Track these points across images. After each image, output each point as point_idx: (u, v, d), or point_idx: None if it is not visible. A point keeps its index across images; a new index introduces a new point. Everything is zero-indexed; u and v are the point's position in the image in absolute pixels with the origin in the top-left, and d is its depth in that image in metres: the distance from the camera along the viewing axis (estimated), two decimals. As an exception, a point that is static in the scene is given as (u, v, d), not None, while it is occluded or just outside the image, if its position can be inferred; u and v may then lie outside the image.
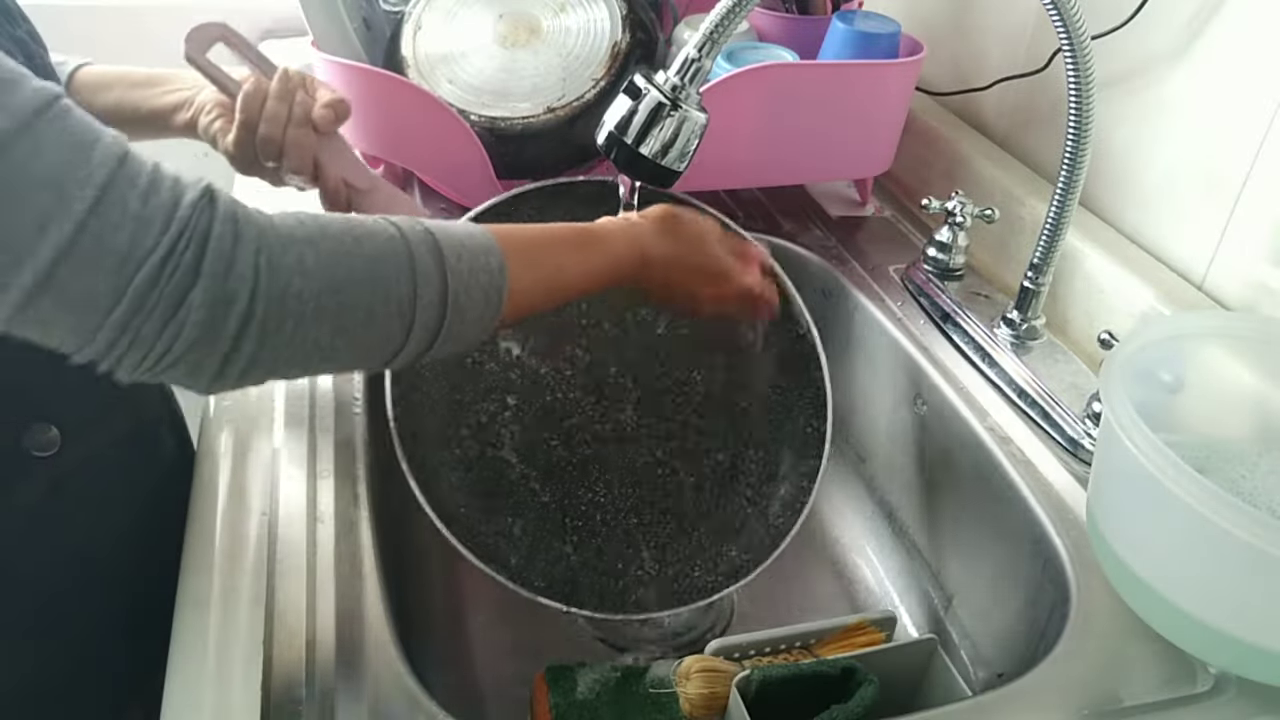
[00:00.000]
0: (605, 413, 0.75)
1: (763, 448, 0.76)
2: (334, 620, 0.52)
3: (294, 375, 0.46)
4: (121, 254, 0.38)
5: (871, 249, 0.90)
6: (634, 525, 0.72)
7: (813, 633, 0.60)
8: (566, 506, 0.71)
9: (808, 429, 0.73)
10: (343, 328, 0.44)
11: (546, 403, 0.73)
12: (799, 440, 0.73)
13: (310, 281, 0.42)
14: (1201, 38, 0.71)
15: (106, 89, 0.70)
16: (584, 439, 0.73)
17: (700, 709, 0.55)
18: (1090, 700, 0.51)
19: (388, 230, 0.46)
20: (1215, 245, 0.72)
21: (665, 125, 0.59)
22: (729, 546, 0.71)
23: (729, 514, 0.74)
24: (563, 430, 0.73)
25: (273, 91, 0.64)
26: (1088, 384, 0.71)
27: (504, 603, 0.74)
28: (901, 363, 0.79)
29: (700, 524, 0.73)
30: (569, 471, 0.72)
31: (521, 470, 0.71)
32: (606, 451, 0.74)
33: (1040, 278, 0.73)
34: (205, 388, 0.43)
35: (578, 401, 0.74)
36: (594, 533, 0.71)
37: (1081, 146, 0.66)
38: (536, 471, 0.71)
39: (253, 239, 0.41)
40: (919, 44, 0.88)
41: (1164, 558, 0.51)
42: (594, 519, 0.71)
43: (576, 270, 0.55)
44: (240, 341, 0.41)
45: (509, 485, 0.70)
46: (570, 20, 0.86)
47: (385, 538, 0.59)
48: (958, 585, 0.73)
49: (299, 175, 0.66)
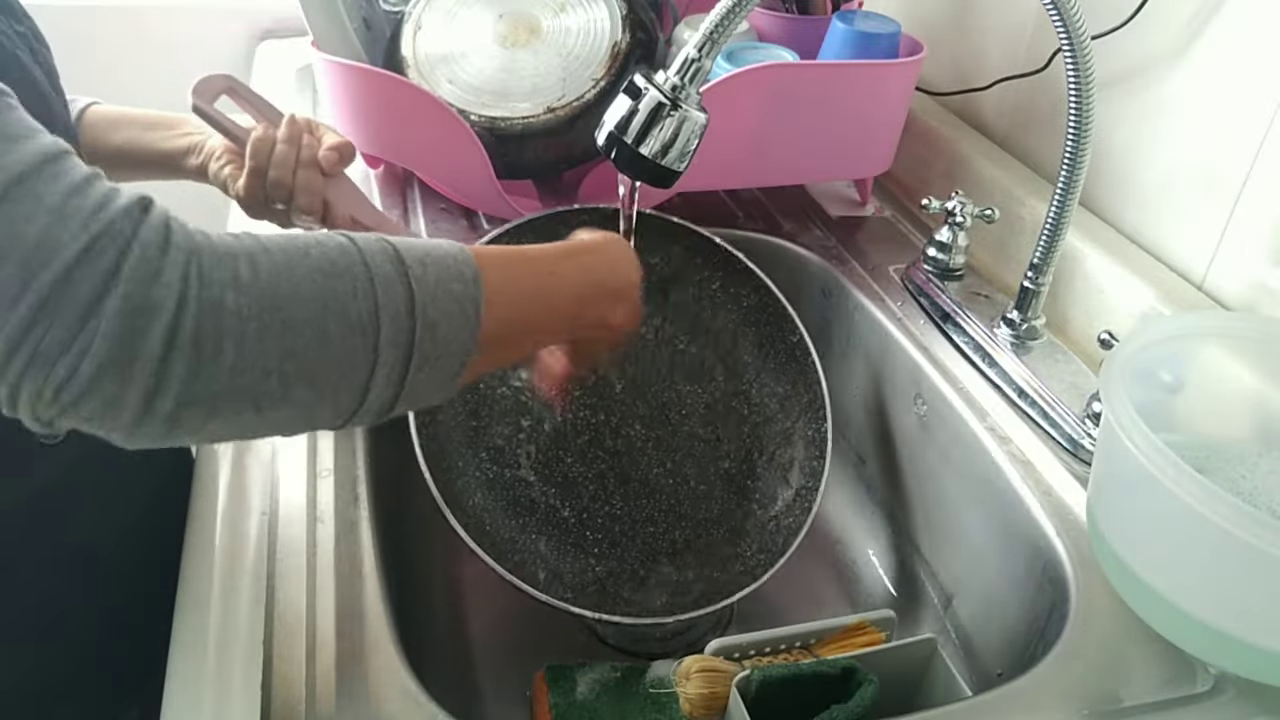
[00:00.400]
0: (615, 429, 0.76)
1: (767, 453, 0.77)
2: (334, 620, 0.52)
3: (241, 424, 0.38)
4: (28, 246, 0.33)
5: (871, 249, 0.90)
6: (650, 534, 0.73)
7: (813, 633, 0.60)
8: (586, 520, 0.73)
9: (809, 431, 0.74)
10: (292, 350, 0.37)
11: (558, 423, 0.75)
12: (802, 443, 0.75)
13: (248, 296, 0.36)
14: (1201, 38, 0.71)
15: (116, 129, 0.71)
16: (597, 455, 0.75)
17: (700, 709, 0.55)
18: (1090, 700, 0.51)
19: (338, 241, 0.41)
20: (1215, 245, 0.72)
21: (665, 125, 0.59)
22: (743, 548, 0.72)
23: (740, 517, 0.75)
24: (576, 448, 0.74)
25: (280, 136, 0.66)
26: (1088, 384, 0.71)
27: (504, 603, 0.74)
28: (901, 363, 0.79)
29: (713, 529, 0.74)
30: (586, 487, 0.74)
31: (541, 489, 0.73)
32: (620, 465, 0.75)
33: (1040, 278, 0.73)
34: (126, 432, 0.36)
35: (588, 420, 0.76)
36: (615, 543, 0.72)
37: (1081, 146, 0.66)
38: (555, 489, 0.73)
39: (184, 248, 0.36)
40: (919, 44, 0.88)
41: (1164, 558, 0.51)
42: (613, 530, 0.73)
43: (568, 284, 0.51)
44: (168, 365, 0.35)
45: (530, 503, 0.71)
46: (570, 20, 0.86)
47: (385, 538, 0.59)
48: (958, 585, 0.73)
49: (308, 216, 0.67)
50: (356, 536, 0.58)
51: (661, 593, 0.70)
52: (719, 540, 0.74)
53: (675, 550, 0.73)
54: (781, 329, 0.77)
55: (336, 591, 0.54)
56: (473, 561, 0.59)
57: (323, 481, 0.61)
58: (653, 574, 0.71)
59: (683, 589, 0.70)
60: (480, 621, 0.73)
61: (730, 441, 0.78)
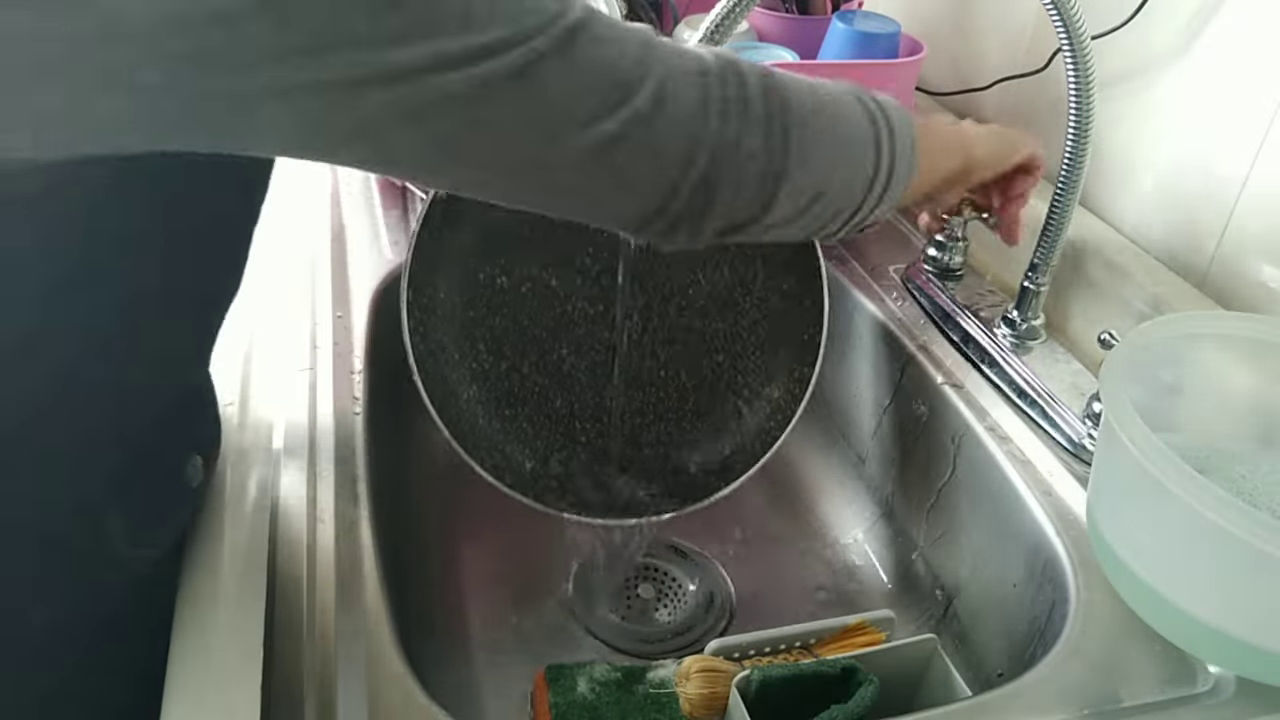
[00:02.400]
0: (613, 320, 0.76)
1: (759, 351, 0.78)
2: (334, 619, 0.52)
3: (816, 191, 0.47)
4: (698, 98, 0.41)
5: (871, 249, 0.90)
6: (638, 425, 0.75)
7: (813, 633, 0.60)
8: (576, 410, 0.74)
9: (804, 336, 0.74)
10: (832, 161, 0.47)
11: (557, 314, 0.75)
12: (795, 347, 0.75)
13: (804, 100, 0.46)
14: (1201, 38, 0.71)
15: None
16: (593, 346, 0.75)
17: (700, 709, 0.55)
18: (1090, 700, 0.51)
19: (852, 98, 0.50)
20: (1215, 245, 0.72)
21: (665, 125, 0.59)
22: (723, 445, 0.74)
23: (724, 414, 0.77)
24: (573, 339, 0.75)
25: None
26: (1088, 384, 0.71)
27: (504, 602, 0.74)
28: (901, 363, 0.79)
29: (698, 423, 0.76)
30: (578, 378, 0.75)
31: (536, 380, 0.74)
32: (614, 357, 0.76)
33: (1040, 278, 0.73)
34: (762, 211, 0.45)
35: (585, 311, 0.76)
36: (601, 433, 0.74)
37: (1081, 146, 0.66)
38: (548, 380, 0.74)
39: (766, 86, 0.44)
40: (919, 44, 0.88)
41: (1164, 558, 0.51)
42: (601, 420, 0.74)
43: (942, 170, 0.58)
44: (785, 164, 0.44)
45: (524, 394, 0.73)
46: (570, 20, 0.86)
47: (385, 538, 0.59)
48: (958, 585, 0.73)
49: None
50: (356, 536, 0.58)
51: (641, 485, 0.72)
52: (703, 435, 0.75)
53: (659, 441, 0.75)
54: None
55: (336, 591, 0.54)
56: (473, 561, 0.59)
57: (323, 481, 0.61)
58: (634, 465, 0.73)
59: (663, 482, 0.73)
60: (480, 621, 0.73)
61: (725, 336, 0.78)
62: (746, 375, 0.77)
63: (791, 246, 0.75)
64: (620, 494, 0.72)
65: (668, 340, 0.77)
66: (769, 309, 0.78)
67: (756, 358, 0.78)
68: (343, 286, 0.79)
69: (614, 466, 0.74)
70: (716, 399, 0.77)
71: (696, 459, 0.75)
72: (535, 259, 0.74)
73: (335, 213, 0.89)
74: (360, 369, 0.70)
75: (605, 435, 0.74)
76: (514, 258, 0.74)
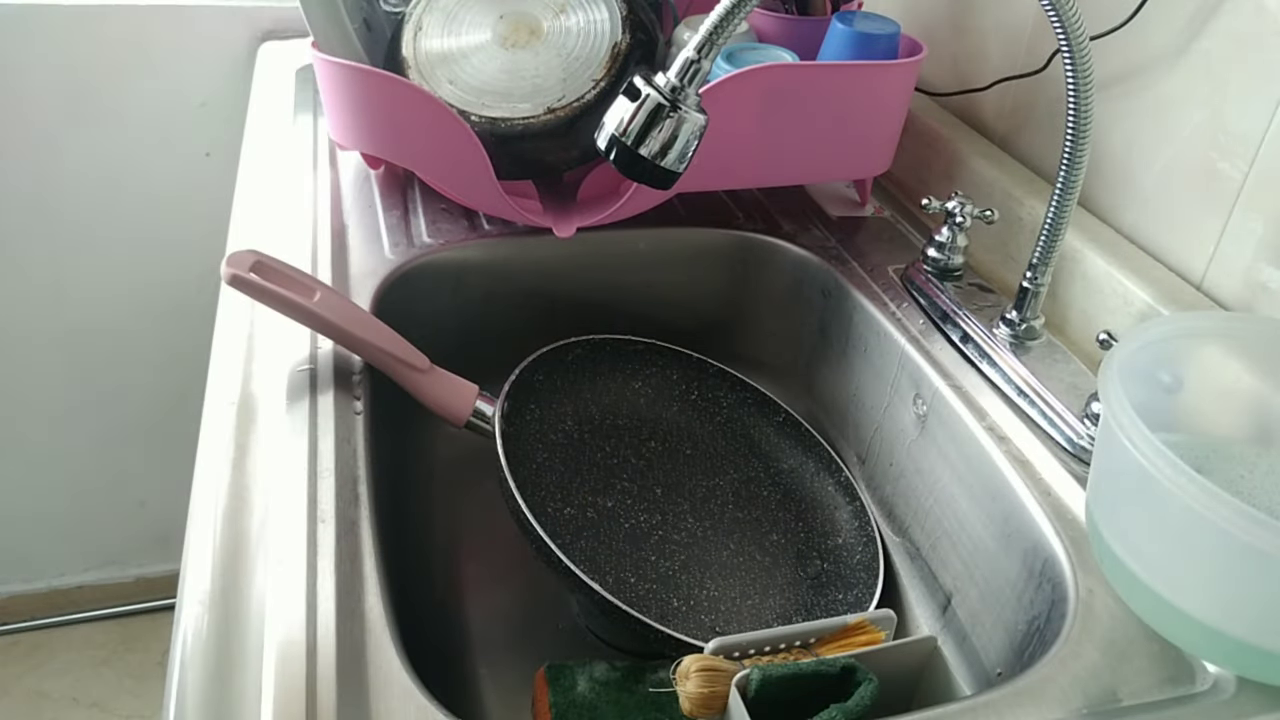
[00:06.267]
0: (676, 523, 0.79)
1: (801, 518, 0.82)
2: (334, 620, 0.52)
3: None
4: None
5: (871, 249, 0.90)
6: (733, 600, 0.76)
7: (813, 632, 0.60)
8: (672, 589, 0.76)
9: (831, 485, 0.81)
10: None
11: (627, 529, 0.77)
12: (835, 495, 0.81)
13: None
14: (1201, 38, 0.71)
15: None
16: (671, 549, 0.77)
17: (700, 708, 0.55)
18: (1090, 700, 0.52)
19: None
20: (1214, 245, 0.72)
21: (664, 126, 0.60)
22: (833, 594, 0.77)
23: (812, 571, 0.79)
24: (652, 544, 0.76)
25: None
26: (1087, 384, 0.71)
27: (504, 603, 0.74)
28: (901, 363, 0.79)
29: (792, 591, 0.78)
30: (679, 577, 0.76)
31: (634, 584, 0.74)
32: (694, 554, 0.77)
33: (1039, 278, 0.73)
34: None
35: (649, 521, 0.78)
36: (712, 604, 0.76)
37: (1080, 146, 0.66)
38: (647, 583, 0.75)
39: None
40: (919, 44, 0.89)
41: (1163, 558, 0.51)
42: (702, 596, 0.76)
43: None
44: None
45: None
46: (571, 21, 0.86)
47: (385, 538, 0.60)
48: (957, 585, 0.73)
49: None
50: (356, 536, 0.58)
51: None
52: (805, 593, 0.77)
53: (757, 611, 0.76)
54: (766, 413, 0.87)
55: (336, 591, 0.54)
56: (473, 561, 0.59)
57: (323, 481, 0.61)
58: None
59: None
60: (480, 621, 0.73)
61: (768, 515, 0.82)
62: (811, 541, 0.81)
63: (773, 423, 0.86)
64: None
65: (729, 532, 0.79)
66: (785, 483, 0.84)
67: (801, 525, 0.82)
68: (343, 287, 0.79)
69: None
70: (798, 567, 0.79)
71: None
72: (585, 488, 0.78)
73: (335, 213, 0.89)
74: (360, 369, 0.70)
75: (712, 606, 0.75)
76: (570, 489, 0.77)
